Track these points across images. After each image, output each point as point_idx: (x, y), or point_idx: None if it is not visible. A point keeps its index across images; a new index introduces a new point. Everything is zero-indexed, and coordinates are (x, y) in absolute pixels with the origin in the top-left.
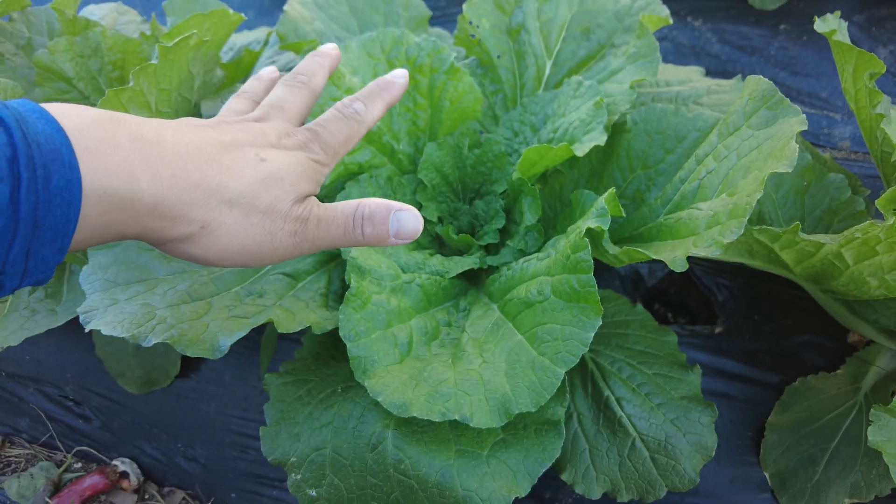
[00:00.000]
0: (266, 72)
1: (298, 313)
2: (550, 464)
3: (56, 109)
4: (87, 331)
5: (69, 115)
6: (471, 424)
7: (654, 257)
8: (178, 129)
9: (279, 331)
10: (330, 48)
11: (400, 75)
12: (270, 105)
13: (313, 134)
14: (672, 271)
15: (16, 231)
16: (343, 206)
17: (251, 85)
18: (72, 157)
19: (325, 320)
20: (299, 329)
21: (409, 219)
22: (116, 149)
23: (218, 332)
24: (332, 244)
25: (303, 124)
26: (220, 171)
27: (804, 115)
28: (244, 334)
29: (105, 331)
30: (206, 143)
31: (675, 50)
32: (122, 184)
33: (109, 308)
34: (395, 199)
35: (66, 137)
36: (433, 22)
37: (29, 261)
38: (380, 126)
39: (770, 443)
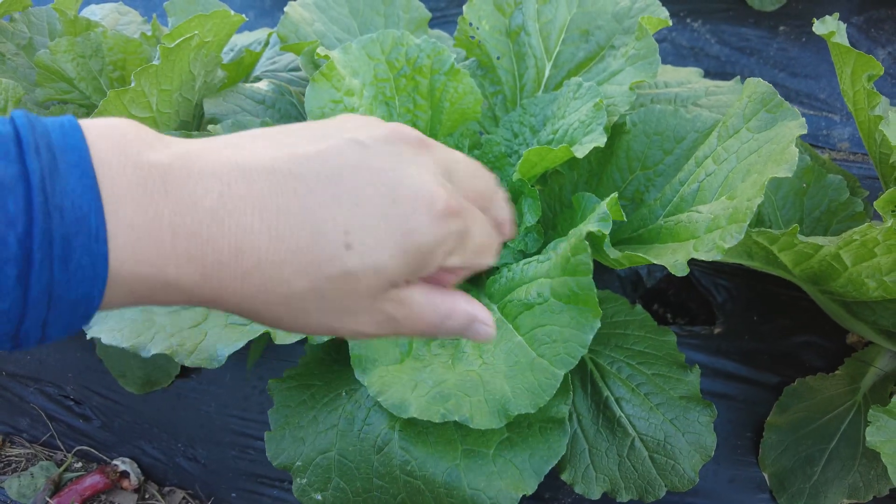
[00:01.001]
0: None
1: None
2: (556, 461)
3: (101, 154)
4: (88, 337)
5: (116, 168)
6: (471, 426)
7: (655, 261)
8: (254, 181)
9: (276, 342)
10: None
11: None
12: (437, 151)
13: (464, 211)
14: (670, 273)
15: (24, 313)
16: (431, 311)
17: None
18: (100, 227)
19: None
20: (296, 340)
21: (483, 332)
22: (156, 224)
23: (216, 342)
24: (405, 333)
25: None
26: (279, 259)
27: (804, 119)
28: (241, 345)
29: (106, 340)
30: (285, 202)
31: (674, 51)
32: (156, 270)
33: (111, 314)
34: None
35: (98, 199)
36: (433, 24)
37: (47, 329)
38: None
39: (769, 443)
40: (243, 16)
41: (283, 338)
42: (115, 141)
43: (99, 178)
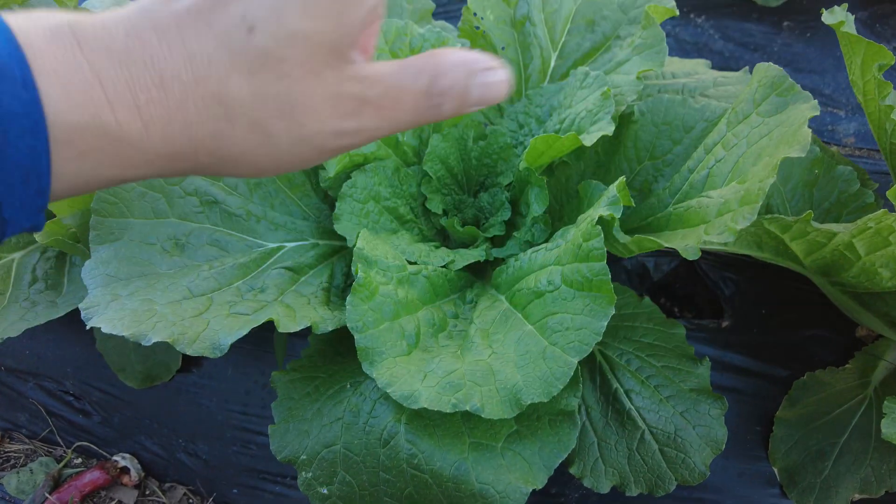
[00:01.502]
0: None
1: (300, 310)
2: (566, 455)
3: (13, 21)
4: (88, 327)
5: (28, 30)
6: (482, 415)
7: (666, 245)
8: (155, 20)
9: (280, 330)
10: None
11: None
12: None
13: None
14: (678, 265)
15: None
16: (410, 82)
17: None
18: (26, 74)
19: (325, 319)
20: (300, 328)
21: (495, 83)
22: (77, 71)
23: (219, 330)
24: (397, 128)
25: None
26: (199, 73)
27: (815, 101)
28: (245, 333)
29: (106, 329)
30: (182, 14)
31: (678, 46)
32: (92, 115)
33: (111, 304)
34: (401, 189)
35: (18, 49)
36: (434, 17)
37: (3, 209)
38: None
39: (779, 437)
40: None
41: (285, 325)
42: (18, 16)
43: (14, 33)
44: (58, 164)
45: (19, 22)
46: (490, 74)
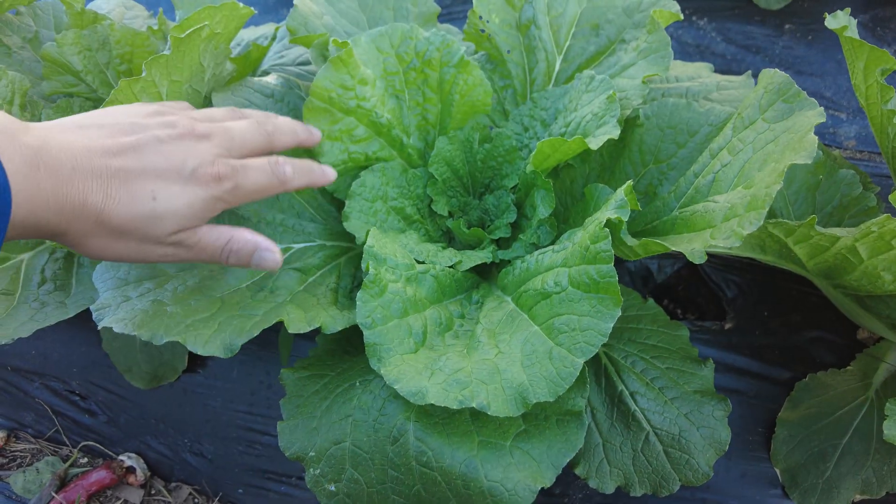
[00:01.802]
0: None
1: (310, 310)
2: (574, 454)
3: None
4: (99, 328)
5: (4, 146)
6: (488, 413)
7: (673, 249)
8: (94, 159)
9: (290, 331)
10: (317, 132)
11: (331, 173)
12: (224, 129)
13: (233, 172)
14: (681, 268)
15: None
16: (215, 240)
17: (222, 110)
18: (6, 183)
19: (334, 319)
20: (310, 329)
21: (269, 258)
22: (38, 189)
23: (230, 330)
24: (200, 262)
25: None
26: (110, 207)
27: (821, 108)
28: (256, 334)
29: (117, 328)
30: (112, 172)
31: (680, 49)
32: (38, 216)
33: (122, 305)
34: (408, 190)
35: (1, 166)
36: (439, 20)
37: None
38: (389, 119)
39: (781, 438)
40: (252, 8)
41: (296, 326)
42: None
43: (3, 161)
44: (6, 235)
45: (1, 144)
46: (268, 253)
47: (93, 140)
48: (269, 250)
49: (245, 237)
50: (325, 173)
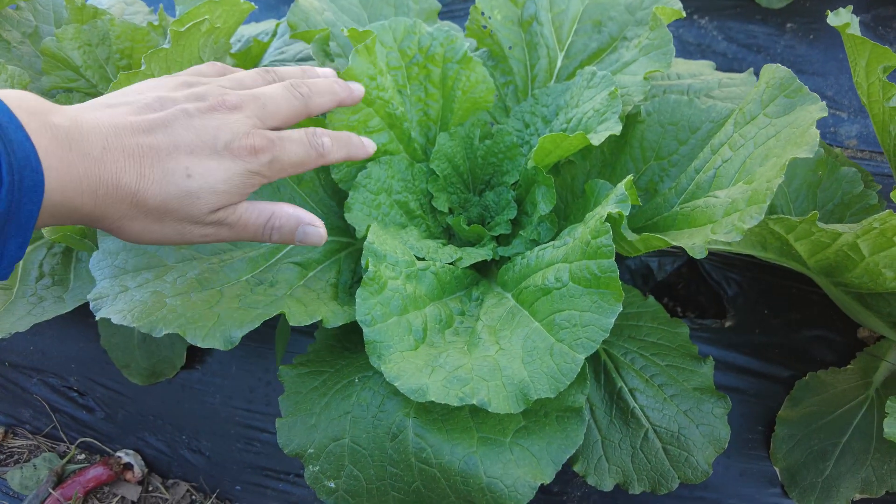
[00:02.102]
0: (283, 70)
1: (310, 304)
2: (574, 450)
3: (24, 118)
4: (97, 318)
5: (35, 128)
6: (489, 410)
7: (674, 244)
8: (123, 137)
9: (291, 323)
10: (358, 88)
11: (371, 145)
12: (255, 97)
13: (270, 144)
14: (681, 265)
15: None
16: (256, 217)
17: (252, 73)
18: (38, 164)
19: (335, 314)
20: (311, 322)
21: (313, 232)
22: (70, 168)
23: (230, 323)
24: (242, 240)
25: (275, 129)
26: (144, 186)
27: (823, 103)
28: (256, 326)
29: (116, 320)
30: (144, 151)
31: (681, 47)
32: (71, 198)
33: (119, 295)
34: (412, 185)
35: (33, 146)
36: (439, 17)
37: (6, 244)
38: (402, 111)
39: (780, 437)
40: (252, 3)
41: (297, 319)
42: (27, 109)
43: (29, 133)
44: (38, 220)
45: (24, 117)
46: (312, 228)
47: (122, 117)
48: (313, 224)
49: (287, 212)
50: (365, 145)
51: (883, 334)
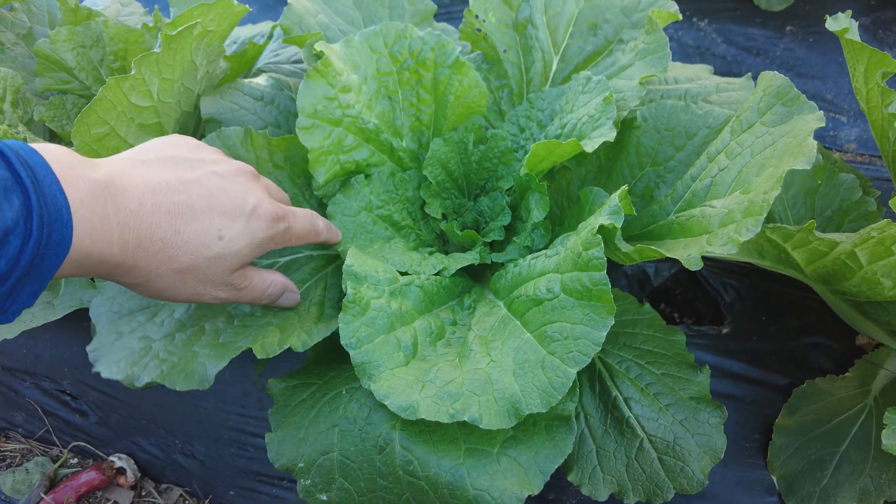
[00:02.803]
0: None
1: (285, 330)
2: (563, 460)
3: (61, 171)
4: (94, 369)
5: (72, 182)
6: (480, 426)
7: (668, 255)
8: (159, 194)
9: (258, 356)
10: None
11: (337, 236)
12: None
13: (285, 215)
14: (678, 271)
15: (10, 276)
16: (260, 283)
17: None
18: (69, 218)
19: (310, 335)
20: (280, 351)
21: (292, 298)
22: (104, 221)
23: (206, 361)
24: (241, 303)
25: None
26: (177, 243)
27: (821, 112)
28: (228, 361)
29: (105, 375)
30: (180, 209)
31: (680, 50)
32: (101, 249)
33: (115, 344)
34: (396, 195)
35: (67, 201)
36: (436, 19)
37: (8, 301)
38: (377, 125)
39: (778, 445)
40: (246, 6)
41: (266, 351)
42: (63, 162)
43: (64, 187)
44: (59, 271)
45: (60, 170)
46: (292, 294)
47: (156, 175)
48: (293, 291)
49: (280, 281)
50: (334, 236)
51: (882, 342)
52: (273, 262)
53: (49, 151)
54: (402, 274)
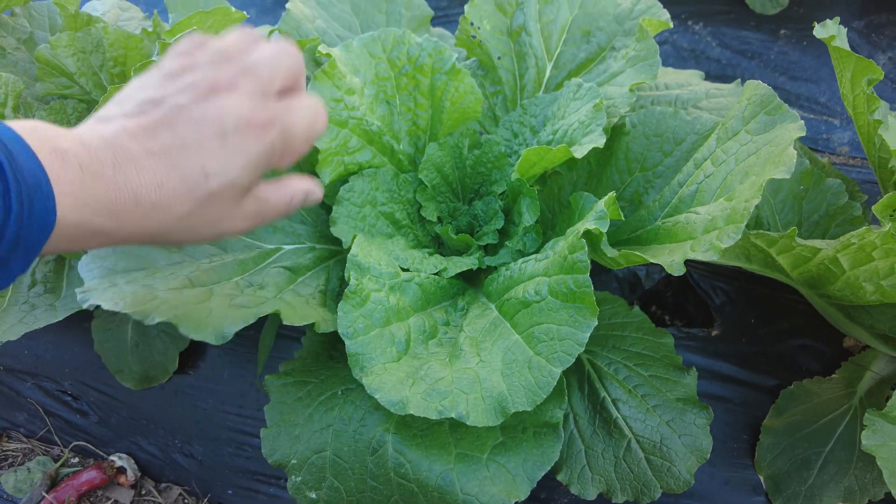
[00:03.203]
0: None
1: (300, 308)
2: (549, 467)
3: (35, 145)
4: (84, 306)
5: (46, 153)
6: (467, 423)
7: (652, 261)
8: (130, 151)
9: (284, 322)
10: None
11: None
12: (245, 70)
13: (275, 116)
14: (669, 275)
15: None
16: (280, 197)
17: (236, 44)
18: (50, 191)
19: (325, 320)
20: (303, 323)
21: (317, 195)
22: (84, 191)
23: (222, 319)
24: (271, 220)
25: (280, 93)
26: (165, 197)
27: (803, 122)
28: (250, 323)
29: (106, 305)
30: (154, 161)
31: (675, 53)
32: (89, 220)
33: (109, 289)
34: (398, 195)
35: (45, 172)
36: (434, 23)
37: (9, 265)
38: (380, 127)
39: (765, 446)
40: (244, 13)
41: (290, 319)
42: (37, 134)
43: (41, 159)
44: (49, 244)
45: (34, 143)
46: (316, 191)
47: (120, 127)
48: (316, 189)
49: (301, 188)
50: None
51: (868, 344)
52: (277, 247)
53: (23, 127)
54: (404, 270)
